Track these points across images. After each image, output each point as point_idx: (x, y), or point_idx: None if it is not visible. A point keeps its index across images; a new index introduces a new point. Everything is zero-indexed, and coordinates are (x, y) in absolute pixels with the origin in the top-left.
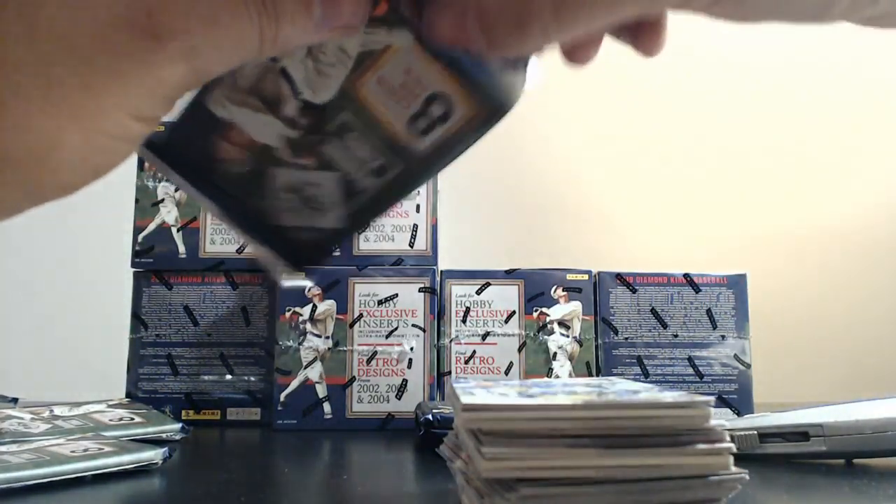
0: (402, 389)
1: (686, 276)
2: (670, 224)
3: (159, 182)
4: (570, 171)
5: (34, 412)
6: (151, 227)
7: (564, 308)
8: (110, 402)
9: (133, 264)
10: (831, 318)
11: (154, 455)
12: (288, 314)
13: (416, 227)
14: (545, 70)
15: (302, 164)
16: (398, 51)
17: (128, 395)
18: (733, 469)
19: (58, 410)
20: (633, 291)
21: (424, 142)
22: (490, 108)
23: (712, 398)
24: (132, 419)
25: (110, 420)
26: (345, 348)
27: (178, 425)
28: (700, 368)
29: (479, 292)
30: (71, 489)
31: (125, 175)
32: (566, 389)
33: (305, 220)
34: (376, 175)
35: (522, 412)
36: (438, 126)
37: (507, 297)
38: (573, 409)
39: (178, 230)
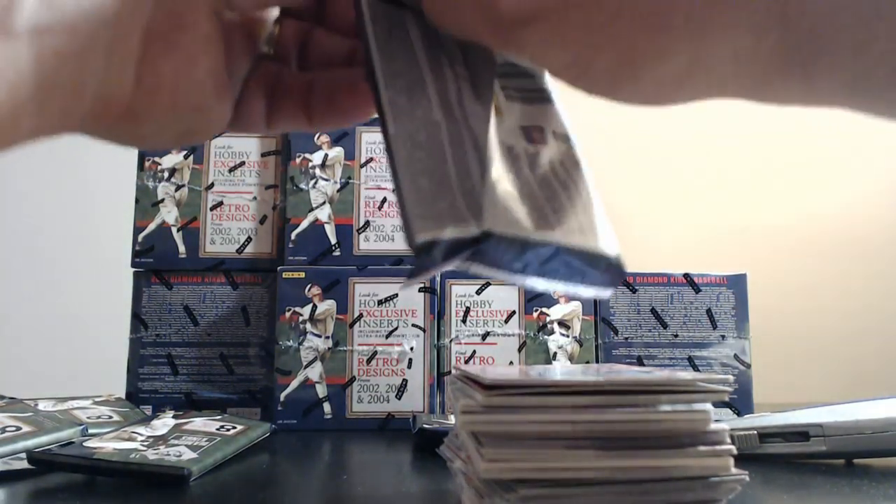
0: (402, 389)
1: (686, 276)
2: (670, 224)
3: (159, 182)
4: None
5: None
6: (151, 227)
7: (564, 308)
8: (97, 399)
9: (133, 264)
10: (831, 318)
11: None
12: (288, 314)
13: None
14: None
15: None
16: None
17: (128, 395)
18: (733, 470)
19: (42, 405)
20: (633, 291)
21: None
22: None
23: (724, 387)
24: (110, 417)
25: (88, 417)
26: (345, 348)
27: None
28: (700, 368)
29: (479, 292)
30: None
31: (125, 175)
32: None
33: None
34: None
35: (522, 414)
36: None
37: (507, 297)
38: (573, 410)
39: (178, 230)
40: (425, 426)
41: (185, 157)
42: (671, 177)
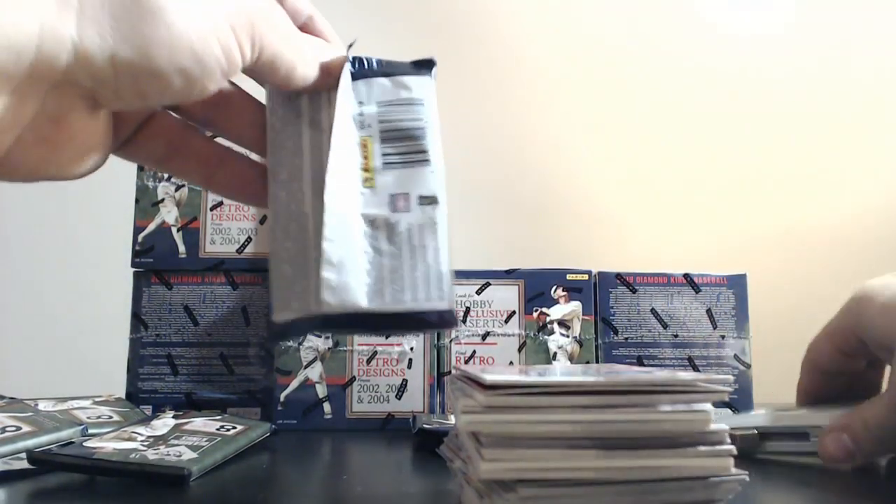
0: (402, 389)
1: (686, 276)
2: (670, 224)
3: (159, 182)
4: (571, 171)
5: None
6: (151, 227)
7: (564, 308)
8: (97, 399)
9: (133, 264)
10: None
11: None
12: None
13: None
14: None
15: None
16: None
17: (128, 395)
18: (733, 470)
19: (42, 405)
20: (633, 291)
21: None
22: None
23: (725, 387)
24: (110, 417)
25: (88, 417)
26: (345, 348)
27: None
28: (700, 368)
29: (479, 292)
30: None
31: (125, 175)
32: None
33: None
34: None
35: (522, 414)
36: None
37: (507, 297)
38: (573, 411)
39: (178, 230)
40: (425, 426)
41: None
42: (672, 178)
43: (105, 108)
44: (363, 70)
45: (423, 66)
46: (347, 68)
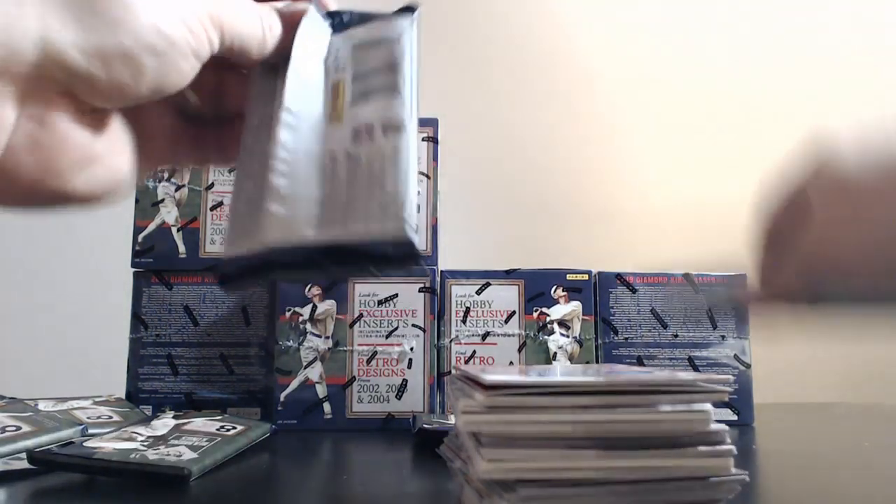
0: (402, 389)
1: (686, 276)
2: (670, 224)
3: (159, 182)
4: (571, 171)
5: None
6: (151, 227)
7: (564, 308)
8: (97, 399)
9: (133, 264)
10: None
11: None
12: (288, 314)
13: (416, 227)
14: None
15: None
16: None
17: (128, 395)
18: (733, 470)
19: (42, 405)
20: (633, 291)
21: None
22: None
23: (724, 387)
24: (110, 417)
25: (88, 417)
26: (345, 348)
27: None
28: (700, 368)
29: (479, 292)
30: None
31: None
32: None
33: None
34: None
35: (522, 414)
36: None
37: (507, 297)
38: (573, 411)
39: (178, 230)
40: (425, 426)
41: None
42: (672, 178)
43: (89, 103)
44: (341, 24)
45: (405, 11)
46: (311, 11)
